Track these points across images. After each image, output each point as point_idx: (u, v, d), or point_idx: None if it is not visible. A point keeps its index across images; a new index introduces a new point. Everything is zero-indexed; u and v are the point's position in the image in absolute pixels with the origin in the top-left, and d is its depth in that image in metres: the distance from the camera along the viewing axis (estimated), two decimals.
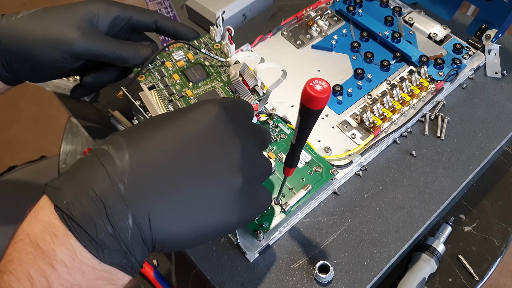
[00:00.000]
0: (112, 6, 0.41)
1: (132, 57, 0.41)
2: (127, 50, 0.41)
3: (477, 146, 0.43)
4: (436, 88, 0.46)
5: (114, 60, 0.41)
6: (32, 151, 1.34)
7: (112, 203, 0.25)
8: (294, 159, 0.32)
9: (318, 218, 0.40)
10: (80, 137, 0.57)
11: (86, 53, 0.39)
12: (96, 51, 0.39)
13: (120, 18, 0.42)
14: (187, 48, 0.45)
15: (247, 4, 0.56)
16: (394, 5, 0.53)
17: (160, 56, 0.44)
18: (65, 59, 0.39)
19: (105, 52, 0.40)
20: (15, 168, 0.70)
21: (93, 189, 0.25)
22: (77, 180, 0.25)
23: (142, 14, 0.43)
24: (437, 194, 0.41)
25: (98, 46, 0.39)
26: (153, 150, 0.27)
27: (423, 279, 0.39)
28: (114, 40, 0.41)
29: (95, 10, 0.40)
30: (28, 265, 0.24)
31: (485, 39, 0.48)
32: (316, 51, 0.51)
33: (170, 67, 0.43)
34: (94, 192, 0.25)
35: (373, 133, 0.43)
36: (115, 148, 0.26)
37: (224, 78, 0.42)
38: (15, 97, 1.46)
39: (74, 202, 0.25)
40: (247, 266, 0.38)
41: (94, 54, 0.40)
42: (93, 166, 0.26)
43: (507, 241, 0.42)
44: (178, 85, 0.42)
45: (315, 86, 0.24)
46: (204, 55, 0.44)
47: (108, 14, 0.41)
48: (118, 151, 0.26)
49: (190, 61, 0.43)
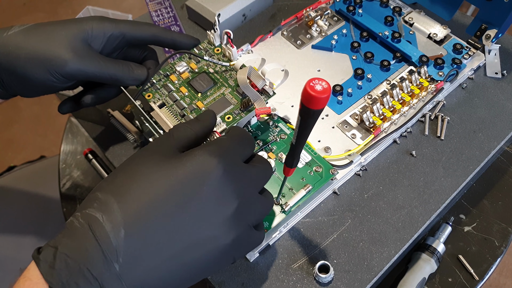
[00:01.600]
0: (106, 23, 0.40)
1: (127, 78, 0.41)
2: (121, 71, 0.40)
3: (477, 146, 0.43)
4: (436, 88, 0.46)
5: (108, 80, 0.40)
6: (32, 151, 1.34)
7: (108, 283, 0.25)
8: (294, 159, 0.32)
9: (318, 218, 0.40)
10: (80, 137, 0.57)
11: (79, 74, 0.38)
12: (89, 72, 0.38)
13: (114, 36, 0.40)
14: (188, 58, 0.44)
15: (247, 4, 0.56)
16: (394, 5, 0.53)
17: (163, 70, 0.43)
18: (57, 79, 0.38)
19: (98, 73, 0.39)
20: (14, 168, 0.70)
21: (89, 269, 0.24)
22: (72, 259, 0.25)
23: (138, 29, 0.42)
24: (437, 194, 0.41)
25: (91, 67, 0.38)
26: (148, 225, 0.26)
27: (423, 279, 0.39)
28: (108, 60, 0.40)
29: (89, 28, 0.39)
30: None
31: (485, 39, 0.48)
32: (316, 51, 0.51)
33: (176, 80, 0.42)
34: (90, 273, 0.24)
35: (373, 133, 0.43)
36: (110, 221, 0.26)
37: (231, 82, 0.42)
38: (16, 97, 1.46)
39: (70, 283, 0.24)
40: (247, 266, 0.38)
41: (87, 75, 0.39)
42: (87, 242, 0.25)
43: (507, 241, 0.42)
44: (188, 98, 0.41)
45: (315, 86, 0.24)
46: (207, 62, 0.43)
47: (102, 31, 0.40)
48: (113, 227, 0.25)
49: (194, 71, 0.43)
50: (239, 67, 0.41)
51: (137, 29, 0.42)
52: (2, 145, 1.37)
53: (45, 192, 0.63)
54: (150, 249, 0.26)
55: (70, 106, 0.45)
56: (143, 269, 0.26)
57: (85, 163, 0.54)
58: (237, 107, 0.40)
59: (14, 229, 0.59)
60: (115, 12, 0.57)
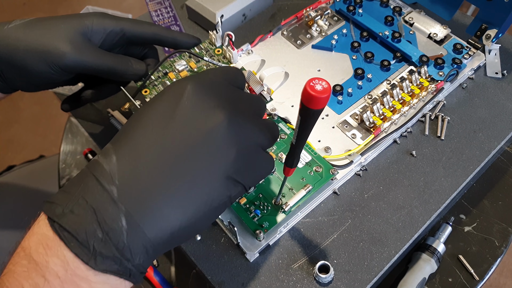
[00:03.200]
0: (106, 19, 0.40)
1: (125, 72, 0.40)
2: (120, 64, 0.40)
3: (477, 146, 0.43)
4: (436, 88, 0.46)
5: (107, 74, 0.40)
6: (32, 151, 1.34)
7: (103, 207, 0.25)
8: (294, 159, 0.32)
9: (318, 218, 0.40)
10: (80, 137, 0.57)
11: (77, 67, 0.38)
12: (88, 65, 0.38)
13: (114, 32, 0.40)
14: (188, 57, 0.44)
15: (247, 4, 0.56)
16: (394, 5, 0.53)
17: (162, 67, 0.43)
18: (56, 71, 0.38)
19: (97, 66, 0.39)
20: (13, 168, 0.70)
21: (84, 197, 0.25)
22: (69, 192, 0.26)
23: (139, 27, 0.42)
24: (437, 194, 0.41)
25: (90, 60, 0.38)
26: (139, 149, 0.27)
27: (423, 279, 0.39)
28: (107, 53, 0.40)
29: (89, 23, 0.39)
30: (21, 277, 0.24)
31: (485, 39, 0.48)
32: (316, 51, 0.51)
33: (174, 78, 0.42)
34: (84, 200, 0.25)
35: (373, 133, 0.43)
36: (103, 155, 0.27)
37: None
38: (15, 97, 1.46)
39: (65, 212, 0.25)
40: (247, 266, 0.38)
41: (85, 68, 0.39)
42: (84, 177, 0.26)
43: (507, 241, 0.42)
44: None
45: (315, 86, 0.24)
46: (207, 63, 0.43)
47: (102, 27, 0.40)
48: (105, 157, 0.26)
49: (193, 70, 0.43)
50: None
51: (138, 27, 0.41)
52: (2, 145, 1.37)
53: (45, 192, 0.63)
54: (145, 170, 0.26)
55: (73, 103, 0.45)
56: (140, 189, 0.25)
57: (85, 163, 0.54)
58: None
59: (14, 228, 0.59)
60: (115, 12, 0.57)
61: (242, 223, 0.39)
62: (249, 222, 0.38)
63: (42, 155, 0.83)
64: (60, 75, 0.39)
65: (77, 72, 0.40)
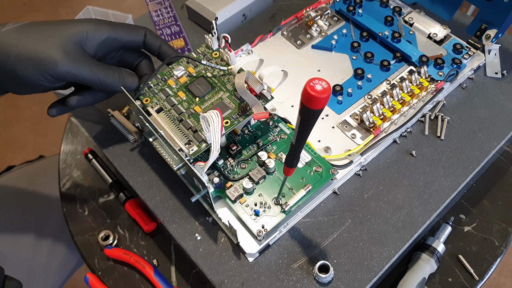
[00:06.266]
0: (102, 26, 0.40)
1: (117, 85, 0.40)
2: (111, 77, 0.40)
3: (477, 146, 0.43)
4: (436, 88, 0.46)
5: (98, 86, 0.40)
6: (32, 151, 1.34)
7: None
8: (294, 159, 0.32)
9: (318, 218, 0.40)
10: (80, 137, 0.57)
11: (68, 76, 0.38)
12: (79, 75, 0.38)
13: (110, 39, 0.40)
14: (186, 62, 0.44)
15: (247, 4, 0.56)
16: (394, 5, 0.53)
17: (161, 75, 0.43)
18: (46, 79, 0.38)
19: (88, 78, 0.39)
20: (13, 168, 0.70)
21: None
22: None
23: (133, 32, 0.42)
24: (437, 194, 0.41)
25: (82, 71, 0.38)
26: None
27: (423, 279, 0.39)
28: (99, 65, 0.40)
29: (84, 31, 0.39)
30: None
31: (485, 39, 0.48)
32: (316, 51, 0.51)
33: (174, 84, 0.42)
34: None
35: (373, 133, 0.43)
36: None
37: (229, 87, 0.42)
38: (15, 97, 1.46)
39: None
40: (247, 266, 0.38)
41: (76, 78, 0.38)
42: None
43: (507, 241, 0.42)
44: (185, 103, 0.41)
45: (315, 86, 0.24)
46: (205, 67, 0.43)
47: (97, 35, 0.39)
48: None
49: (192, 75, 0.43)
50: (237, 71, 0.41)
51: (132, 32, 0.41)
52: (1, 145, 1.37)
53: (44, 192, 0.63)
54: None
55: (59, 109, 0.44)
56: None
57: (85, 163, 0.54)
58: (235, 111, 0.40)
59: (13, 228, 0.59)
60: (115, 12, 0.57)
61: (242, 223, 0.39)
62: (249, 222, 0.38)
63: (42, 155, 0.83)
64: (51, 82, 0.39)
65: (68, 81, 0.40)
